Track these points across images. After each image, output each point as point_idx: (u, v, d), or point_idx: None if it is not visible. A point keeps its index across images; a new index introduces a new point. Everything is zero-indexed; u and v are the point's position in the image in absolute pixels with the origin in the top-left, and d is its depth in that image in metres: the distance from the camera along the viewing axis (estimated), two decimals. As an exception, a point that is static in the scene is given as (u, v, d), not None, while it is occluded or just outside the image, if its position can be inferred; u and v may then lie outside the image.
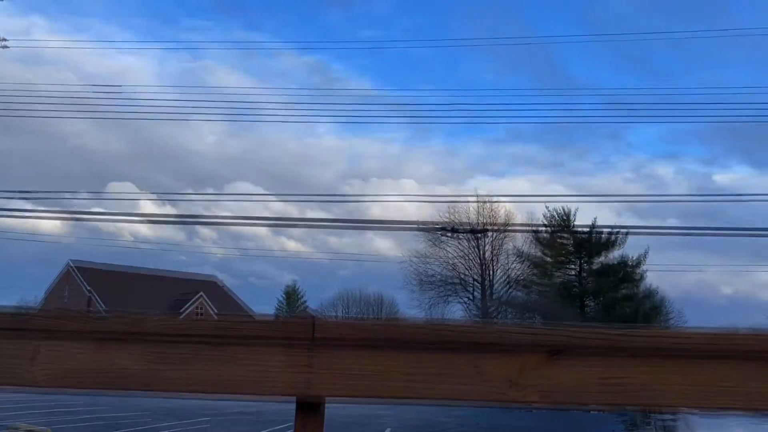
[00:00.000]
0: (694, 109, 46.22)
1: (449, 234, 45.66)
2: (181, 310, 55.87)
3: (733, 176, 61.69)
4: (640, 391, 1.24)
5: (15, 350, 1.33)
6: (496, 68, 69.52)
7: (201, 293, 61.77)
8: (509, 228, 48.24)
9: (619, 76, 64.42)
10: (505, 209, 49.54)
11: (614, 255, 49.27)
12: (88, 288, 59.04)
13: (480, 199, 48.73)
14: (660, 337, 1.26)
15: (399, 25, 68.01)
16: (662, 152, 70.78)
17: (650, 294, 49.96)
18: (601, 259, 49.28)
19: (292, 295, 77.34)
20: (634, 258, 49.08)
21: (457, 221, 47.31)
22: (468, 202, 47.98)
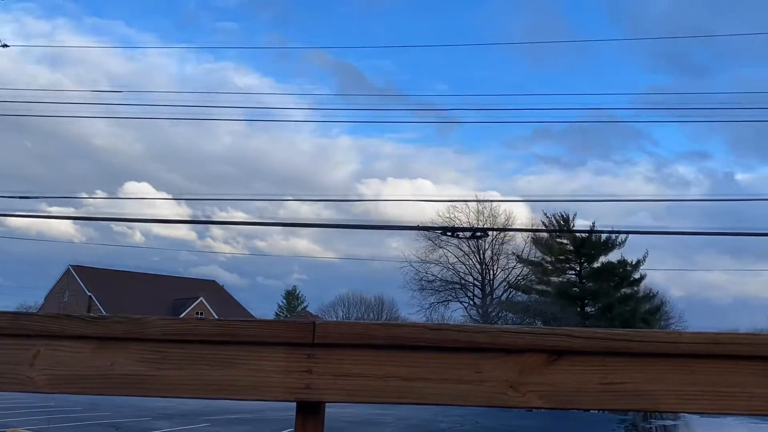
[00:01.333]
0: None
1: (450, 235, 45.61)
2: (181, 314, 55.83)
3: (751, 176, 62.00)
4: (640, 394, 1.24)
5: (15, 354, 1.33)
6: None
7: (201, 296, 61.72)
8: (510, 230, 48.24)
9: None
10: (505, 211, 49.58)
11: (614, 257, 49.28)
12: (88, 291, 58.98)
13: (480, 200, 48.75)
14: (660, 340, 1.26)
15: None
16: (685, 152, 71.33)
17: (650, 296, 49.94)
18: (601, 261, 49.25)
19: (292, 298, 77.32)
20: (634, 260, 49.09)
21: (457, 223, 47.33)
22: (468, 201, 47.99)
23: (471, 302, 52.20)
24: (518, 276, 51.27)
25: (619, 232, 46.91)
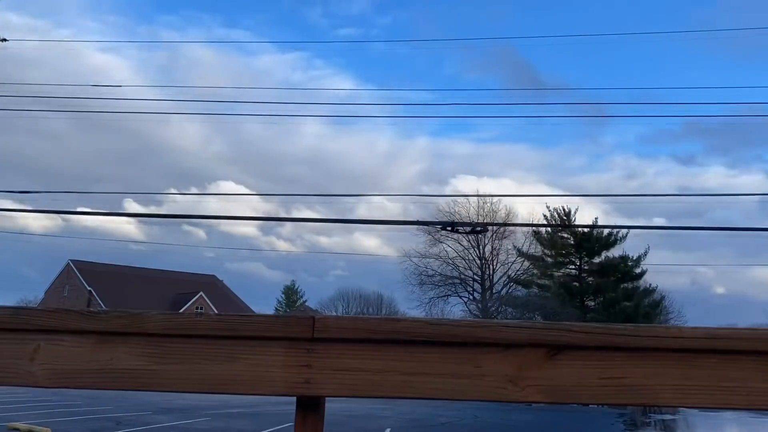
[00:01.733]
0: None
1: (449, 231, 45.61)
2: (181, 309, 55.81)
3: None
4: (640, 389, 1.24)
5: (15, 349, 1.33)
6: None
7: (200, 292, 61.73)
8: (509, 224, 48.25)
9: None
10: (506, 207, 49.60)
11: (614, 253, 49.30)
12: (88, 286, 59.00)
13: (480, 196, 48.73)
14: (659, 336, 1.26)
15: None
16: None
17: (650, 292, 49.99)
18: (602, 257, 49.26)
19: (291, 294, 77.34)
20: (634, 256, 49.12)
21: (457, 218, 47.30)
22: (468, 195, 47.99)
23: (470, 297, 52.26)
24: (518, 270, 51.33)
25: (619, 227, 46.92)
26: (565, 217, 49.32)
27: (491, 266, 52.02)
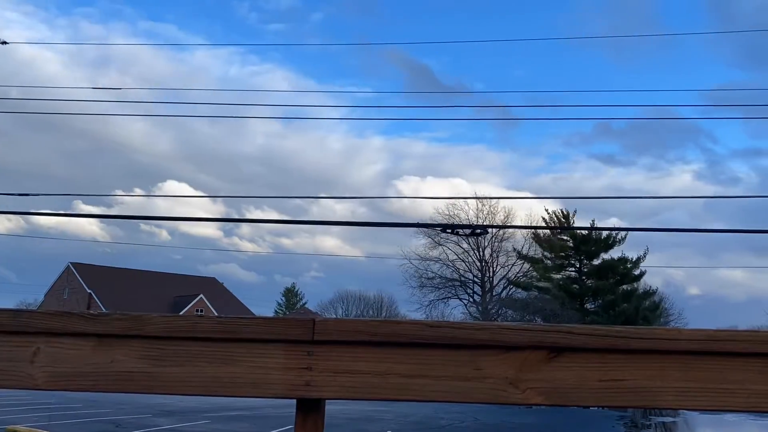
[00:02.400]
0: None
1: (449, 232, 45.63)
2: (181, 311, 55.80)
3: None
4: (640, 391, 1.24)
5: (16, 351, 1.33)
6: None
7: (201, 294, 61.72)
8: (509, 226, 48.28)
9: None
10: (505, 209, 49.60)
11: (614, 254, 49.28)
12: (88, 288, 58.99)
13: (480, 198, 48.76)
14: (659, 338, 1.26)
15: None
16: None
17: (650, 293, 49.96)
18: (601, 258, 49.26)
19: (291, 295, 77.31)
20: (634, 258, 49.10)
21: (457, 220, 47.34)
22: (468, 198, 48.00)
23: (471, 299, 52.25)
24: (518, 273, 51.31)
25: (618, 230, 46.94)
26: (563, 220, 49.35)
27: (491, 268, 52.03)
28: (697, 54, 72.60)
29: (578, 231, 47.36)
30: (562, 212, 49.52)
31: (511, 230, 49.55)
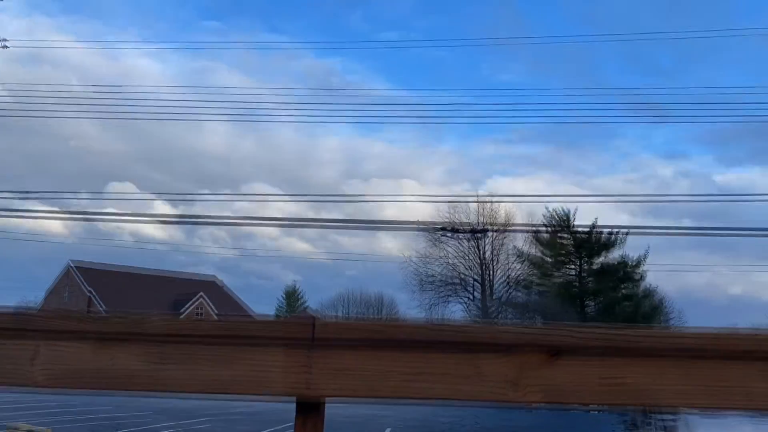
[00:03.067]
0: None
1: (449, 233, 45.67)
2: (181, 311, 55.85)
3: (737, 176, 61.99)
4: (640, 390, 1.24)
5: (15, 350, 1.33)
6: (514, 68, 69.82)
7: (201, 293, 61.73)
8: (509, 228, 48.28)
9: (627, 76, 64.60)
10: (505, 209, 49.58)
11: (614, 255, 49.30)
12: (89, 288, 59.02)
13: (480, 199, 48.78)
14: (659, 337, 1.26)
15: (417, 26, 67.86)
16: (667, 152, 71.02)
17: (650, 294, 49.96)
18: (601, 259, 49.27)
19: (292, 296, 77.32)
20: (634, 258, 49.12)
21: (457, 221, 47.33)
22: (468, 201, 48.01)
23: (471, 300, 52.25)
24: (518, 273, 51.33)
25: (619, 228, 46.95)
26: (564, 219, 49.35)
27: (491, 268, 52.04)
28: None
29: (578, 232, 47.39)
30: (563, 213, 49.55)
31: (511, 230, 49.54)
